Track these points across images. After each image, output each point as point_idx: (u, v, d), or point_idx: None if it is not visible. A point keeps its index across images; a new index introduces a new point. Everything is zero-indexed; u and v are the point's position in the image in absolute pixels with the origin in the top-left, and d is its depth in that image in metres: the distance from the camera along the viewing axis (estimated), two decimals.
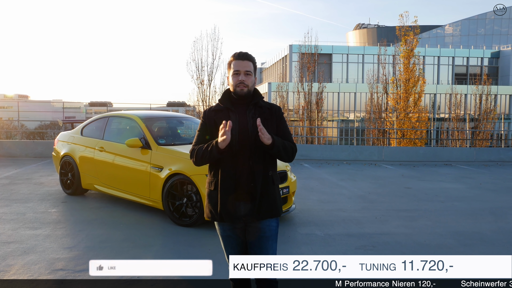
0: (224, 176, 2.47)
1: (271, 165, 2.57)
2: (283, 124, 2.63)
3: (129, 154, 6.03)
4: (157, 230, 5.24)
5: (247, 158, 2.47)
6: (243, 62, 2.51)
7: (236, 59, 2.52)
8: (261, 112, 2.54)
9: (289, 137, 2.62)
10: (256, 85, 33.66)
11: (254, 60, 2.58)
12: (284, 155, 2.53)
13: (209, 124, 2.55)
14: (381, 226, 5.69)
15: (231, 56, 2.56)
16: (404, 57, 23.78)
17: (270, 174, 2.54)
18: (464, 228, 5.72)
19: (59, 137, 7.68)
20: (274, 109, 2.61)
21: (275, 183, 2.56)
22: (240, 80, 2.49)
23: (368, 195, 7.85)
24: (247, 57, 2.54)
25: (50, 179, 8.70)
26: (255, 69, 2.59)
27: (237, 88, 2.50)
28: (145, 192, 5.78)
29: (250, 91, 2.54)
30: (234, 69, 2.51)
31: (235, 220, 2.47)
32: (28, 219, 5.57)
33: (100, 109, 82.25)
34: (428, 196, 7.93)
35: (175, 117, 7.13)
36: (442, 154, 13.94)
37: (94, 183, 6.64)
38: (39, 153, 12.58)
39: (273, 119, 2.58)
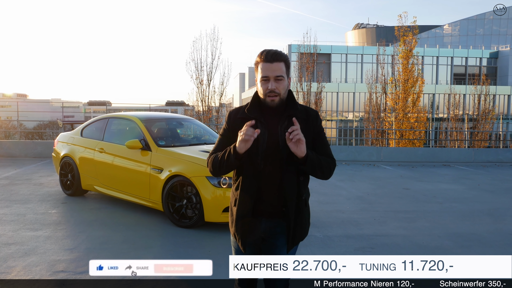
0: (244, 194, 2.18)
1: (304, 187, 2.24)
2: (320, 135, 2.25)
3: (129, 155, 6.06)
4: (157, 231, 5.27)
5: (276, 178, 2.15)
6: (272, 65, 2.10)
7: (264, 62, 2.11)
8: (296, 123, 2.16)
9: (327, 151, 2.26)
10: (255, 84, 34.09)
11: (286, 58, 2.15)
12: (319, 173, 2.17)
13: (232, 132, 2.21)
14: (380, 228, 5.73)
15: (257, 56, 2.15)
16: (403, 58, 23.84)
17: (304, 197, 2.24)
18: (462, 230, 5.76)
19: (59, 138, 7.70)
20: (311, 116, 2.23)
21: (307, 204, 2.30)
22: (270, 89, 2.10)
23: (367, 196, 7.89)
24: (277, 58, 2.11)
25: (49, 179, 8.72)
26: (288, 69, 2.16)
27: (267, 98, 2.13)
28: (145, 194, 5.81)
29: (282, 100, 2.16)
30: (262, 75, 2.12)
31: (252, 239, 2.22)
32: (28, 220, 5.59)
33: (99, 108, 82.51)
34: (426, 197, 7.97)
35: (175, 118, 7.16)
36: (441, 155, 13.99)
37: (94, 184, 6.67)
38: (39, 153, 12.58)
39: (309, 129, 2.20)
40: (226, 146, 2.21)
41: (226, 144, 2.23)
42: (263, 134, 2.14)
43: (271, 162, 2.15)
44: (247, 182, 2.18)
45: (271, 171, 2.16)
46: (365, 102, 29.34)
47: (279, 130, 2.16)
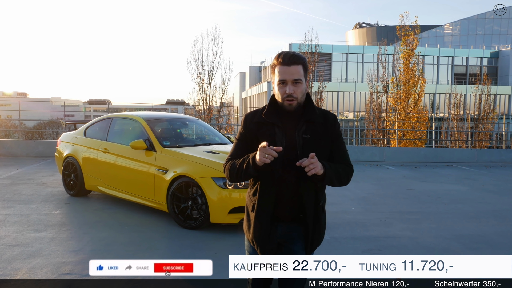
0: (262, 201, 2.15)
1: (322, 193, 2.23)
2: (338, 140, 2.20)
3: (133, 155, 6.01)
4: (161, 232, 5.23)
5: (292, 183, 2.12)
6: (289, 68, 2.04)
7: (281, 65, 2.06)
8: (313, 129, 2.13)
9: (344, 157, 2.22)
10: (255, 84, 33.89)
11: (304, 61, 2.10)
12: (337, 184, 2.15)
13: (249, 136, 2.17)
14: (386, 229, 5.69)
15: (274, 58, 2.09)
16: (405, 57, 23.79)
17: (321, 203, 2.22)
18: (469, 231, 5.72)
19: (62, 138, 7.65)
20: (329, 120, 2.18)
21: (324, 210, 2.28)
22: (288, 93, 2.06)
23: (371, 197, 7.84)
24: (295, 61, 2.06)
25: (52, 179, 8.68)
26: (306, 72, 2.12)
27: (284, 102, 2.09)
28: (149, 194, 5.76)
29: (300, 104, 2.11)
30: (279, 78, 2.07)
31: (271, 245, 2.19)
32: (32, 221, 5.55)
33: (99, 107, 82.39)
34: (431, 198, 7.93)
35: (179, 119, 7.11)
36: (444, 155, 13.94)
37: (97, 184, 6.62)
38: (40, 152, 12.54)
39: (328, 134, 2.16)
40: (243, 150, 2.19)
41: (243, 149, 2.19)
42: (281, 139, 2.10)
43: (287, 167, 2.10)
44: (266, 188, 2.14)
45: (287, 177, 2.12)
46: (366, 102, 29.33)
47: (296, 135, 2.11)
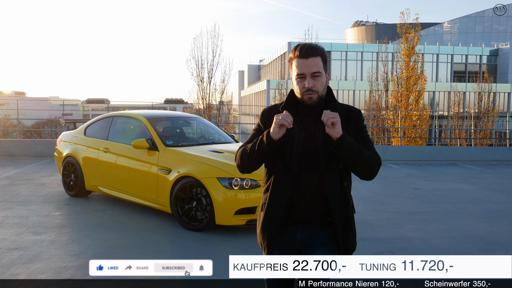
0: (273, 198, 2.00)
1: (349, 192, 2.07)
2: (362, 133, 2.05)
3: (135, 155, 5.84)
4: (165, 235, 5.07)
5: (314, 184, 1.97)
6: (307, 60, 1.91)
7: (299, 58, 1.93)
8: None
9: (369, 146, 2.05)
10: (254, 82, 33.83)
11: (323, 52, 1.96)
12: (359, 164, 1.92)
13: (265, 129, 2.04)
14: (396, 230, 5.53)
15: (291, 52, 1.97)
16: (405, 55, 23.65)
17: (351, 204, 2.07)
18: (480, 232, 5.57)
19: (61, 137, 7.48)
20: (353, 115, 2.04)
21: (354, 211, 2.11)
22: (307, 87, 1.93)
23: (378, 197, 7.69)
24: (313, 53, 1.92)
25: (51, 179, 8.50)
26: (325, 63, 1.98)
27: (304, 96, 1.95)
28: (152, 195, 5.60)
29: (321, 97, 1.98)
30: (297, 72, 1.94)
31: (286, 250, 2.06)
32: (31, 223, 5.38)
33: (98, 106, 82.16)
34: (438, 198, 7.78)
35: (182, 117, 6.95)
36: (447, 153, 13.80)
37: (98, 184, 6.46)
38: (39, 152, 12.35)
39: (351, 129, 2.02)
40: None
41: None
42: (298, 135, 1.96)
43: (307, 167, 1.97)
44: (278, 185, 1.99)
45: (307, 177, 1.98)
46: (366, 100, 29.20)
47: (317, 131, 1.98)
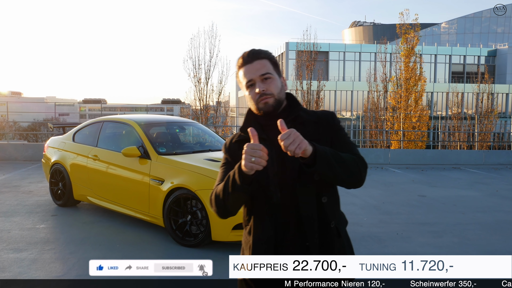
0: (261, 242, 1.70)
1: (331, 210, 1.72)
2: (339, 135, 1.75)
3: (125, 164, 5.45)
4: (158, 252, 4.67)
5: (293, 206, 1.66)
6: (253, 64, 1.68)
7: (244, 65, 1.69)
8: (305, 130, 1.62)
9: (350, 148, 1.73)
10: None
11: (269, 55, 1.72)
12: (344, 175, 1.61)
13: (234, 161, 1.72)
14: (405, 245, 5.16)
15: (236, 64, 1.73)
16: (405, 56, 23.33)
17: (332, 225, 1.72)
18: (495, 247, 5.21)
19: (49, 143, 7.08)
20: (324, 118, 1.75)
21: (342, 234, 1.76)
22: (259, 92, 1.66)
23: (383, 205, 7.32)
24: (258, 56, 1.69)
25: (40, 186, 8.10)
26: (276, 67, 1.72)
27: (259, 104, 1.68)
28: (144, 207, 5.21)
29: (280, 100, 1.69)
30: (246, 80, 1.68)
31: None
32: (13, 238, 4.98)
33: (94, 106, 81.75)
34: (446, 206, 7.41)
35: (177, 122, 6.56)
36: (450, 157, 13.45)
37: (87, 194, 6.06)
38: (30, 156, 11.94)
39: (325, 134, 1.72)
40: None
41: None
42: (270, 152, 1.57)
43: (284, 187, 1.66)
44: (262, 222, 1.69)
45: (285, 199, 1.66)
46: (364, 101, 28.87)
47: None
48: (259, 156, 1.46)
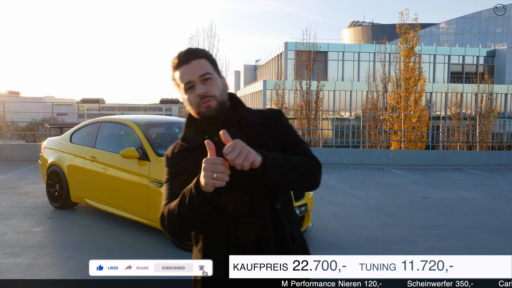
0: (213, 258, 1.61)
1: (285, 217, 1.62)
2: (289, 135, 1.64)
3: (124, 165, 5.31)
4: (157, 256, 4.54)
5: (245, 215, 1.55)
6: (190, 65, 1.54)
7: (180, 66, 1.55)
8: (251, 133, 1.56)
9: (302, 149, 1.64)
10: (250, 82, 33.22)
11: (207, 54, 1.59)
12: (298, 179, 1.52)
13: (179, 173, 1.60)
14: (411, 249, 5.04)
15: (171, 65, 1.59)
16: (405, 56, 23.24)
17: (287, 231, 1.62)
18: (503, 251, 5.09)
19: (45, 144, 6.94)
20: (272, 120, 1.63)
21: (296, 240, 1.65)
22: (199, 94, 1.52)
23: (386, 207, 7.20)
24: (195, 55, 1.56)
25: (36, 188, 7.96)
26: (215, 66, 1.59)
27: (201, 108, 1.53)
28: (142, 210, 5.07)
29: (222, 103, 1.57)
30: (184, 82, 1.54)
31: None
32: (8, 241, 4.84)
33: (92, 106, 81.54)
34: (450, 208, 7.29)
35: (176, 123, 6.41)
36: (452, 158, 13.34)
37: (84, 196, 5.92)
38: (27, 156, 11.80)
39: (274, 135, 1.62)
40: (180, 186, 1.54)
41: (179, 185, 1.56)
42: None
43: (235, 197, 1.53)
44: (213, 237, 1.58)
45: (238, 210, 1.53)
46: (362, 101, 28.79)
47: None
48: (221, 171, 1.33)
